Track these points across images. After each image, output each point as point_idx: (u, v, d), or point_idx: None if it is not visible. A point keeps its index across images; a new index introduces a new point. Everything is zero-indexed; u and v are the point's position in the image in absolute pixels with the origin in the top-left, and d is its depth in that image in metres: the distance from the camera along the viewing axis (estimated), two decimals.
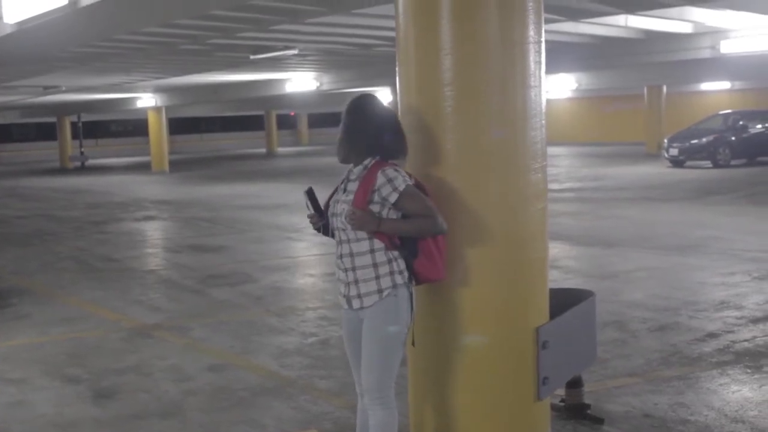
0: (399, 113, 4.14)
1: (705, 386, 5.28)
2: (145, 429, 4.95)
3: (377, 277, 3.54)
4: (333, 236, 3.72)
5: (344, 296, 3.66)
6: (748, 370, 5.58)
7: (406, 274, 3.59)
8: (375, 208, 3.53)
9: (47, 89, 25.64)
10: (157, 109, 34.41)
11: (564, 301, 4.35)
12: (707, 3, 12.96)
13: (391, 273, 3.55)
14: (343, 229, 3.58)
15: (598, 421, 4.64)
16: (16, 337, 7.38)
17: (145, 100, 33.39)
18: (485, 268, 3.85)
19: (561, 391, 4.76)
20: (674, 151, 24.83)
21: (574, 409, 4.73)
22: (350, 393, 5.01)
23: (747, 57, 17.94)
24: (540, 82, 3.96)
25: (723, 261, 9.53)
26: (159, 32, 12.16)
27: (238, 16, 11.46)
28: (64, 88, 25.44)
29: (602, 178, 21.86)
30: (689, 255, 10.02)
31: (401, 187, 3.51)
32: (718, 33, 16.26)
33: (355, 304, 3.60)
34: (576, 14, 12.69)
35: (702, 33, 16.38)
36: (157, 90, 31.12)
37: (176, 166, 35.26)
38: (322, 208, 3.71)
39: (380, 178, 3.51)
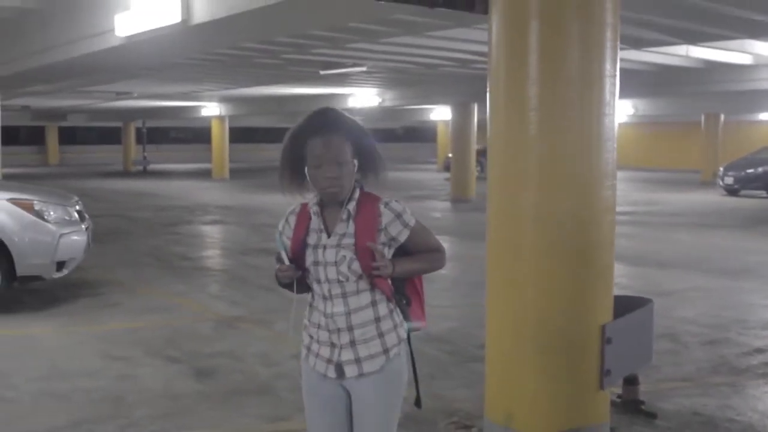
0: (488, 134, 4.74)
1: (751, 393, 5.78)
2: (245, 403, 5.58)
3: (381, 335, 2.97)
4: (307, 290, 3.08)
5: (332, 362, 3.01)
6: None
7: (405, 325, 3.05)
8: None
9: (119, 95, 26.76)
10: (220, 118, 35.45)
11: (626, 305, 4.90)
12: None
13: (395, 327, 3.01)
14: (340, 281, 2.95)
15: (652, 415, 5.17)
16: (111, 322, 8.09)
17: (210, 109, 34.45)
18: (562, 271, 4.43)
19: (617, 389, 5.29)
20: (729, 180, 25.05)
21: (629, 404, 5.25)
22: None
23: None
24: (613, 110, 4.53)
25: None
26: (247, 47, 12.88)
27: (317, 34, 12.14)
28: (135, 95, 26.53)
29: (656, 203, 22.18)
30: (740, 279, 10.43)
31: (411, 223, 2.99)
32: None
33: (351, 371, 2.97)
34: (640, 43, 13.18)
35: (762, 65, 16.73)
36: (222, 100, 32.15)
37: (235, 174, 36.21)
38: (290, 257, 3.02)
39: (387, 214, 2.95)
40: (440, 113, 36.95)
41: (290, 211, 3.10)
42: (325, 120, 2.95)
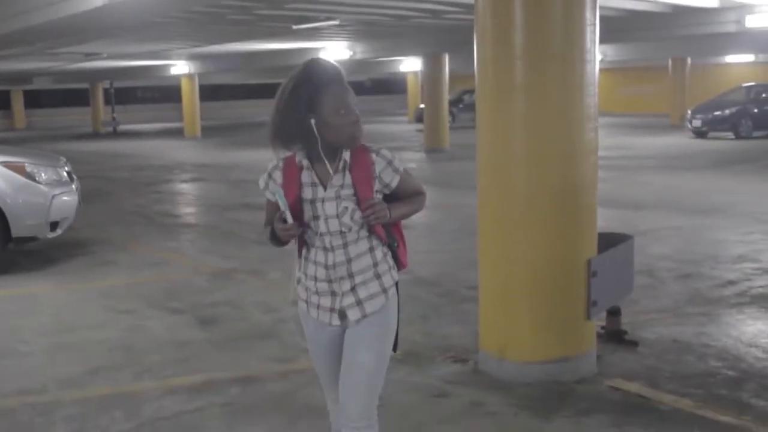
0: (476, 82, 5.00)
1: (724, 321, 6.18)
2: (251, 347, 5.88)
3: (378, 276, 3.06)
4: (303, 243, 3.10)
5: (334, 310, 3.07)
6: (762, 309, 6.47)
7: (396, 267, 3.16)
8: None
9: (88, 56, 26.53)
10: (190, 76, 35.29)
11: (608, 242, 5.24)
12: None
13: (390, 269, 3.11)
14: (342, 232, 3.00)
15: (634, 343, 5.54)
16: (109, 278, 8.33)
17: (179, 68, 34.23)
18: (550, 210, 4.75)
19: (601, 322, 5.65)
20: (697, 123, 25.53)
21: (613, 334, 5.62)
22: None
23: None
24: (594, 57, 4.82)
25: (742, 222, 10.38)
26: (223, 4, 12.93)
27: None
28: (105, 55, 26.32)
29: (627, 147, 22.58)
30: (711, 217, 10.85)
31: (401, 169, 3.07)
32: (743, 8, 16.88)
33: (354, 314, 3.05)
34: None
35: (728, 8, 17.03)
36: (191, 58, 31.95)
37: (206, 132, 36.13)
38: (289, 214, 2.96)
39: (379, 162, 3.02)
40: (410, 64, 36.99)
41: (273, 167, 3.06)
42: (335, 69, 2.95)
